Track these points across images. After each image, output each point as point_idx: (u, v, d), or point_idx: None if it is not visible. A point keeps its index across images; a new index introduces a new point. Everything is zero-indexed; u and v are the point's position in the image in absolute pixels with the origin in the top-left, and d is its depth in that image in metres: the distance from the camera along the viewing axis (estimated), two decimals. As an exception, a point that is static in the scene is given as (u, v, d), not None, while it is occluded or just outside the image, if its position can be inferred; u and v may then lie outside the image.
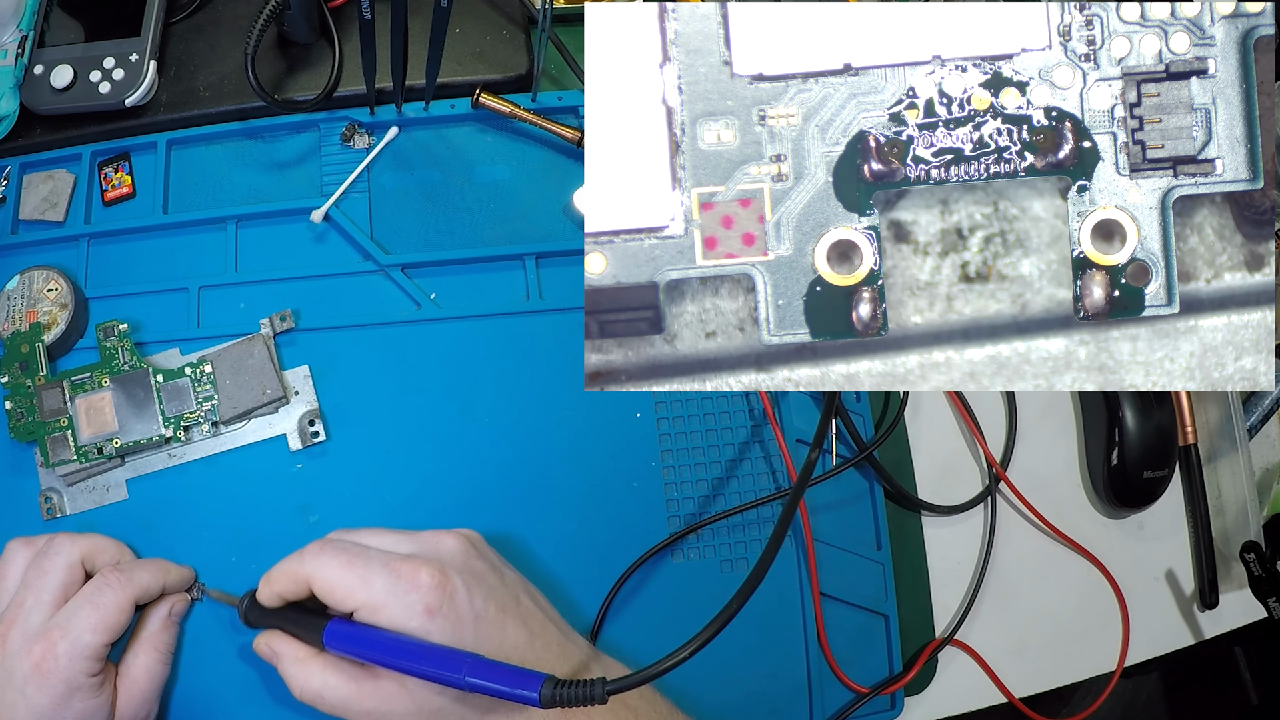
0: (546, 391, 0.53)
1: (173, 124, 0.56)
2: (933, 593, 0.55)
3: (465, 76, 0.58)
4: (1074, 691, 0.58)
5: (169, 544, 0.49)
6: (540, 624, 0.42)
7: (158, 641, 0.45)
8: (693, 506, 0.53)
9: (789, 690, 0.51)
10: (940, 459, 0.58)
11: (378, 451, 0.52)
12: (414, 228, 0.56)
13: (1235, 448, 0.59)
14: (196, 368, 0.50)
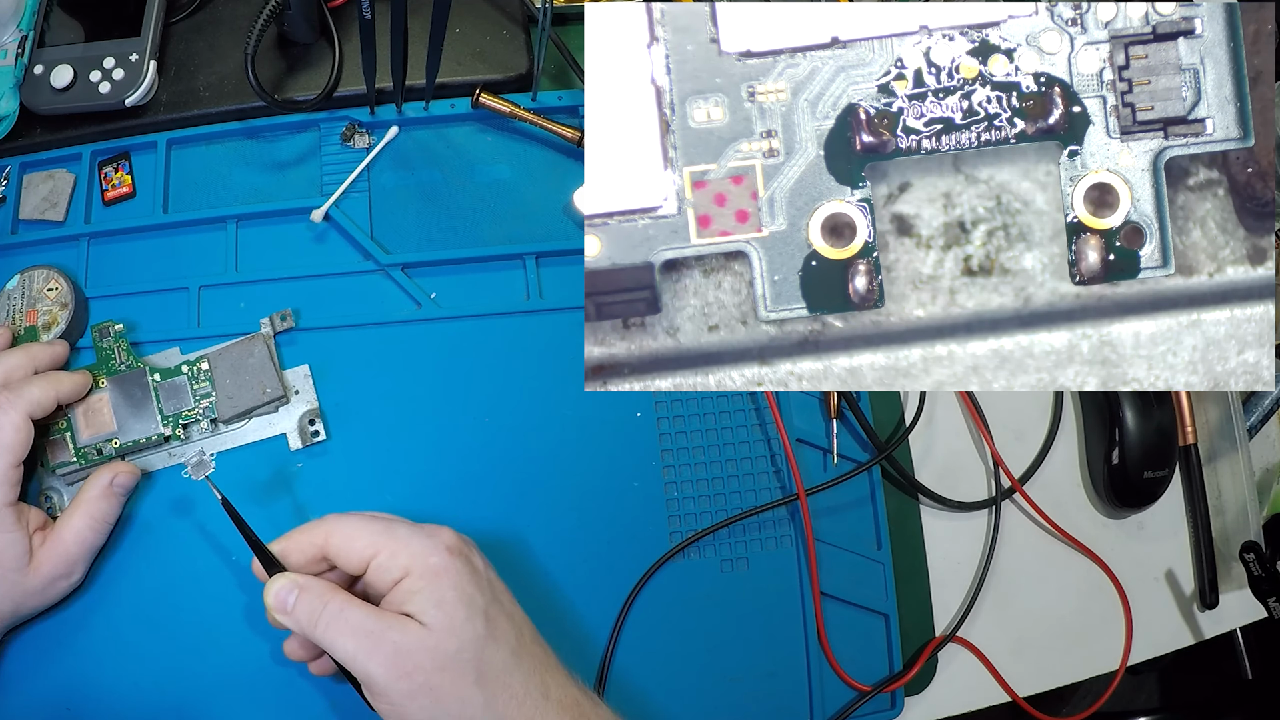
0: (547, 391, 0.53)
1: (173, 124, 0.56)
2: (933, 592, 0.55)
3: (465, 76, 0.58)
4: (1074, 691, 0.58)
5: (169, 543, 0.49)
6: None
7: (93, 509, 0.46)
8: (693, 507, 0.53)
9: (789, 689, 0.51)
10: (943, 458, 0.58)
11: (378, 451, 0.52)
12: (414, 227, 0.56)
13: (1235, 448, 0.59)
14: (194, 365, 0.50)
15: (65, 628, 0.48)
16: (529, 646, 0.42)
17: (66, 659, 0.47)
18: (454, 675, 0.39)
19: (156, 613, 0.48)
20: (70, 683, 0.47)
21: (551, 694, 0.41)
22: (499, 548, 0.50)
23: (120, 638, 0.48)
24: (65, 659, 0.47)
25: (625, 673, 0.50)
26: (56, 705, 0.46)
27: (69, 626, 0.48)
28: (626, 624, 0.51)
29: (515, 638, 0.41)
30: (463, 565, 0.41)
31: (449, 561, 0.40)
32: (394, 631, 0.39)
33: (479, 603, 0.40)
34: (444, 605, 0.39)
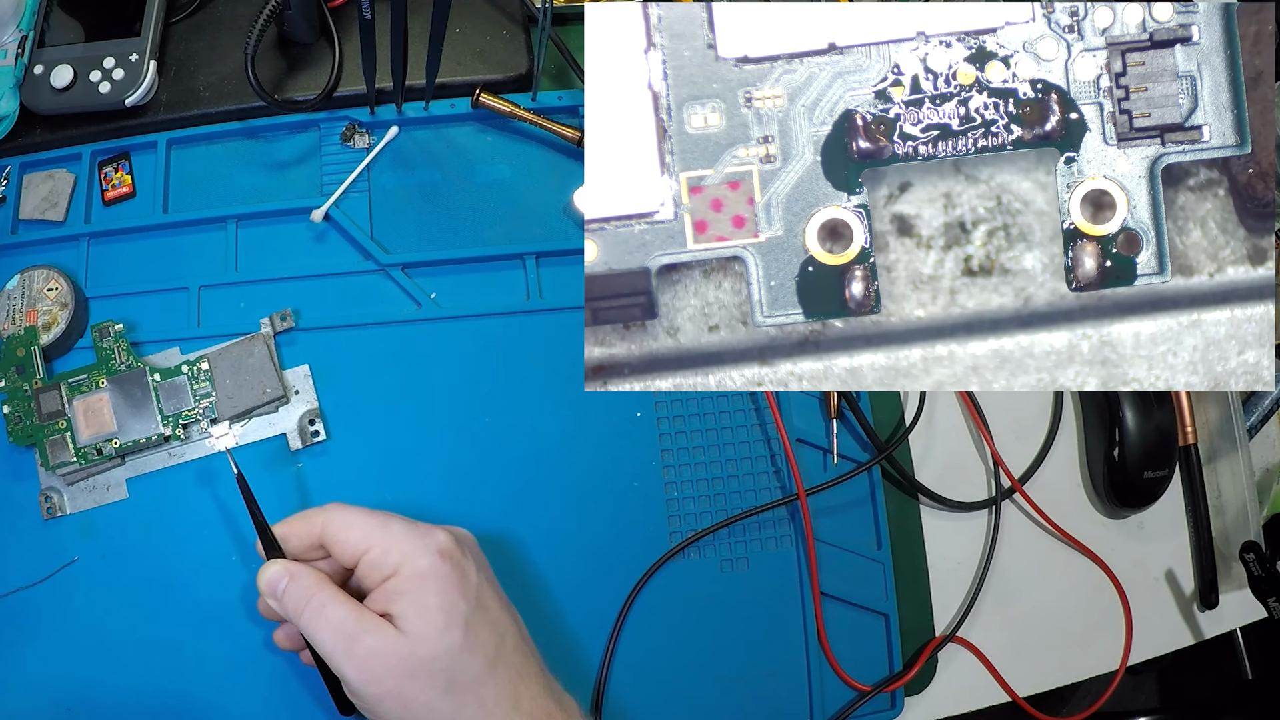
0: (546, 391, 0.53)
1: (173, 124, 0.56)
2: (933, 592, 0.55)
3: (465, 76, 0.58)
4: (1074, 691, 0.58)
5: (169, 543, 0.49)
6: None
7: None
8: (693, 507, 0.53)
9: (789, 689, 0.51)
10: (943, 458, 0.58)
11: (378, 451, 0.52)
12: (414, 227, 0.56)
13: (1235, 448, 0.59)
14: (193, 365, 0.50)
15: (65, 627, 0.48)
16: (508, 656, 0.41)
17: (66, 658, 0.47)
18: (423, 683, 0.39)
19: (156, 612, 0.48)
20: (70, 682, 0.47)
21: (522, 704, 0.40)
22: (499, 547, 0.51)
23: (120, 637, 0.48)
24: (65, 658, 0.47)
25: (625, 673, 0.50)
26: (56, 705, 0.47)
27: (69, 626, 0.48)
28: (626, 624, 0.51)
29: (495, 647, 0.41)
30: (450, 570, 0.40)
31: (437, 566, 0.40)
32: (370, 636, 0.39)
33: (460, 611, 0.40)
34: (425, 613, 0.39)
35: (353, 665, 0.39)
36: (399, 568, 0.40)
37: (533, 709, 0.41)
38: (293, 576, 0.41)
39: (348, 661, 0.39)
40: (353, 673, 0.39)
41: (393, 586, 0.40)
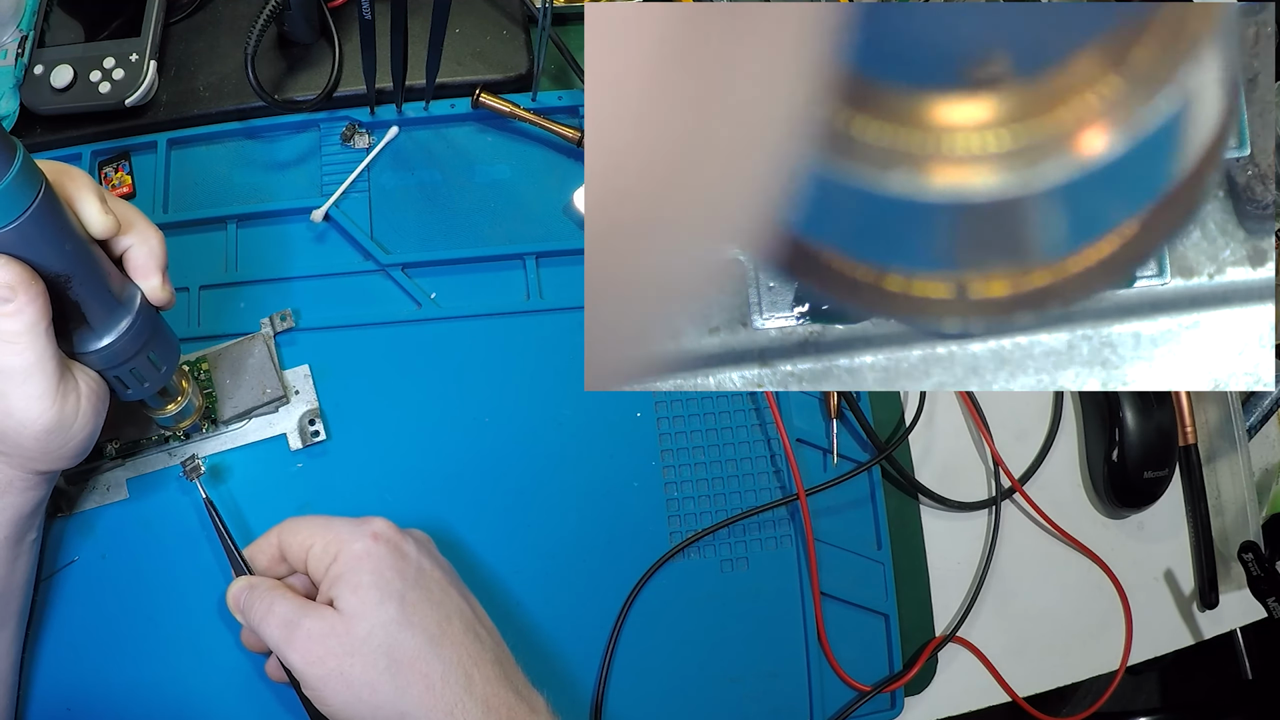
0: (546, 391, 0.53)
1: (173, 124, 0.56)
2: (933, 592, 0.55)
3: (465, 76, 0.58)
4: (1074, 691, 0.58)
5: (169, 543, 0.49)
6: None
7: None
8: (693, 507, 0.53)
9: (789, 689, 0.51)
10: (943, 458, 0.58)
11: (378, 451, 0.52)
12: (414, 227, 0.56)
13: (1235, 448, 0.59)
14: (194, 365, 0.50)
15: (65, 627, 0.47)
16: (456, 636, 0.41)
17: (66, 658, 0.47)
18: (363, 661, 0.39)
19: (156, 612, 0.48)
20: (70, 682, 0.47)
21: (475, 688, 0.40)
22: (499, 547, 0.51)
23: (120, 637, 0.48)
24: (65, 658, 0.47)
25: (625, 673, 0.50)
26: (57, 705, 0.47)
27: (68, 626, 0.48)
28: (626, 624, 0.51)
29: (437, 625, 0.41)
30: (386, 551, 0.41)
31: (371, 547, 0.41)
32: (309, 619, 0.40)
33: (395, 587, 0.40)
34: (359, 589, 0.40)
35: (296, 651, 0.39)
36: (338, 554, 0.41)
37: (488, 694, 0.40)
38: (251, 587, 0.42)
39: (290, 647, 0.40)
40: (296, 658, 0.39)
41: (333, 573, 0.41)
